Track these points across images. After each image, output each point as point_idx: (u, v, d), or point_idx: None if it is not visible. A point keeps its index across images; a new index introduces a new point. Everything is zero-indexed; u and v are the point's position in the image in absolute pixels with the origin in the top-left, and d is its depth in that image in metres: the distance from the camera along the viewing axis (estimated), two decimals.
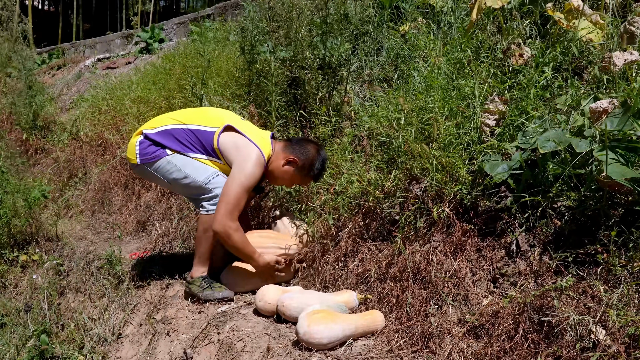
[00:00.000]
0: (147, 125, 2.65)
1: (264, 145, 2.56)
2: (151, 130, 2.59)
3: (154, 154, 2.54)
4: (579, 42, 2.41)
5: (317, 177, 2.68)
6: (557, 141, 1.85)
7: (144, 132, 2.60)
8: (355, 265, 2.43)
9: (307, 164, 2.61)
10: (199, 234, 2.57)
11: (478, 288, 1.98)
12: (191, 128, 2.56)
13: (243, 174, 2.44)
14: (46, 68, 9.95)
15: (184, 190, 2.62)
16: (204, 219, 2.52)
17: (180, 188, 2.61)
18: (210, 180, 2.51)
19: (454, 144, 2.31)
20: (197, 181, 2.51)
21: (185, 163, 2.53)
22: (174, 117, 2.64)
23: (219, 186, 2.50)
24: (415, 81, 2.80)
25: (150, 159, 2.55)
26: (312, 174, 2.64)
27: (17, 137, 5.97)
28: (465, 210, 2.17)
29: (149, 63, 6.33)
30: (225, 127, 2.53)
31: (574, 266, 1.76)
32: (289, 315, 2.20)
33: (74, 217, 4.57)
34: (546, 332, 1.66)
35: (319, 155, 2.63)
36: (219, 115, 2.64)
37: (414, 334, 1.98)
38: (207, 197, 2.52)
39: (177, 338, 2.46)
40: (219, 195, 2.47)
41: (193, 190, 2.55)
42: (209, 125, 2.55)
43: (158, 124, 2.61)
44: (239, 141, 2.51)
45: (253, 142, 2.51)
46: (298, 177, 2.64)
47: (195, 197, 2.57)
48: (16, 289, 3.54)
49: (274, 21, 3.39)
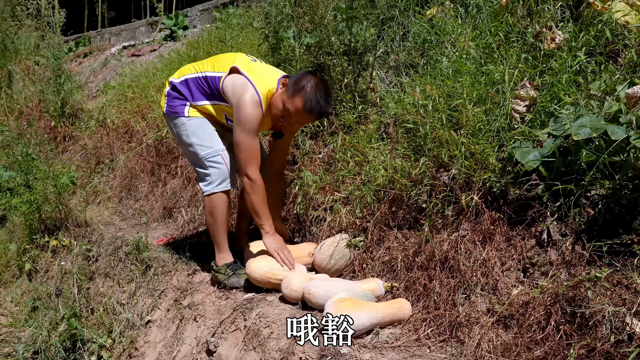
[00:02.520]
0: (176, 73, 2.74)
1: (262, 83, 2.45)
2: (176, 79, 2.67)
3: (176, 108, 2.64)
4: (614, 25, 2.33)
5: (320, 115, 2.48)
6: (592, 128, 1.79)
7: (171, 80, 2.69)
8: (382, 253, 2.42)
9: (297, 83, 2.40)
10: (207, 219, 2.67)
11: (507, 278, 1.95)
12: (204, 75, 2.61)
13: (241, 118, 2.42)
14: (73, 56, 10.06)
15: (187, 154, 2.71)
16: (205, 202, 2.61)
17: (185, 151, 2.71)
18: (210, 157, 2.57)
19: (482, 131, 2.27)
20: (198, 153, 2.59)
21: (195, 131, 2.60)
22: (194, 65, 2.70)
23: (215, 166, 2.56)
24: (442, 67, 2.75)
25: (173, 113, 2.65)
26: (301, 94, 2.39)
27: (46, 125, 6.05)
28: (495, 199, 2.13)
29: (174, 50, 6.34)
30: (230, 70, 2.53)
31: (608, 256, 1.71)
32: (315, 303, 2.20)
33: (102, 204, 4.65)
34: (579, 324, 1.62)
35: (318, 88, 2.39)
36: (231, 58, 2.62)
37: (442, 323, 1.96)
38: (202, 174, 2.60)
39: (204, 324, 2.49)
40: (212, 174, 2.55)
41: (193, 157, 2.64)
42: (219, 70, 2.57)
43: (181, 73, 2.70)
44: (237, 83, 2.47)
45: (250, 81, 2.44)
46: (288, 100, 2.41)
47: (195, 166, 2.66)
48: (47, 273, 3.62)
49: (298, 6, 3.36)
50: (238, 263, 2.65)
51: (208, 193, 2.58)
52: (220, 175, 2.56)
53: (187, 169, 4.22)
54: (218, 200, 2.57)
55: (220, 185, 2.56)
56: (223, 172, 2.57)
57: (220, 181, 2.56)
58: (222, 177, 2.57)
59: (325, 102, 2.43)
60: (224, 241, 2.66)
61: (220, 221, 2.60)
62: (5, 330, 3.27)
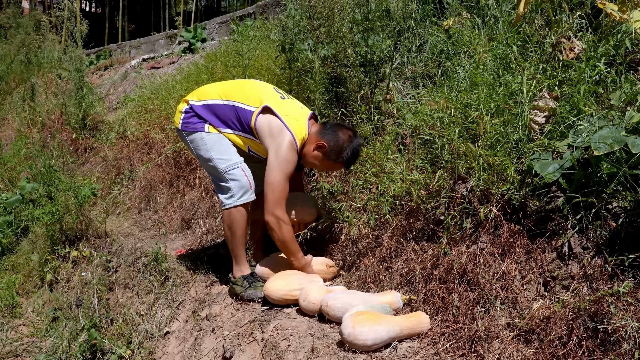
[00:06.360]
0: (194, 94, 2.74)
1: (298, 129, 2.55)
2: (197, 102, 2.68)
3: (194, 125, 2.65)
4: (634, 34, 2.30)
5: (348, 164, 2.65)
6: (612, 140, 1.77)
7: (190, 102, 2.69)
8: (400, 266, 2.40)
9: (336, 150, 2.57)
10: (225, 232, 2.69)
11: (528, 291, 1.92)
12: (233, 104, 2.62)
13: (279, 162, 2.49)
14: (94, 69, 10.25)
15: (206, 168, 2.73)
16: (224, 215, 2.63)
17: (204, 165, 2.71)
18: (229, 170, 2.58)
19: (500, 143, 2.25)
20: (218, 167, 2.60)
21: (214, 145, 2.61)
22: (217, 90, 2.70)
23: (236, 178, 2.57)
24: (459, 78, 2.74)
25: (190, 129, 2.66)
26: (341, 161, 2.60)
27: (68, 137, 6.16)
28: (514, 211, 2.11)
29: (192, 62, 6.43)
30: (263, 109, 2.56)
31: (632, 270, 1.68)
32: (333, 316, 2.20)
33: (122, 214, 4.71)
34: (602, 339, 1.59)
35: (351, 142, 2.59)
36: (259, 92, 2.66)
37: (461, 337, 1.94)
38: (224, 187, 2.61)
39: (222, 335, 2.50)
40: (233, 188, 2.56)
41: (212, 171, 2.66)
42: (248, 103, 2.60)
43: (204, 96, 2.69)
44: (274, 126, 2.53)
45: (287, 127, 2.51)
46: (328, 162, 2.62)
47: (216, 180, 2.67)
48: (68, 283, 3.67)
49: (314, 19, 3.38)
50: (255, 275, 2.66)
51: (229, 207, 2.58)
52: (241, 188, 2.57)
53: (205, 180, 4.26)
54: (238, 214, 2.58)
55: (242, 198, 2.57)
56: (244, 184, 2.58)
57: (241, 194, 2.57)
58: (244, 189, 2.58)
59: (358, 155, 2.67)
60: (242, 254, 2.67)
61: (239, 234, 2.62)
62: (27, 340, 3.32)
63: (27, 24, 9.79)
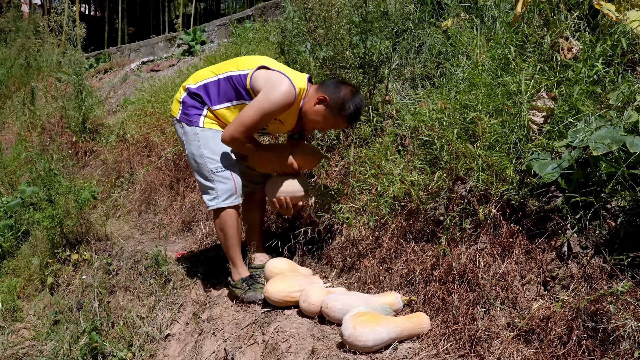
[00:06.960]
0: (190, 79, 2.72)
1: (297, 79, 2.51)
2: (192, 85, 2.65)
3: (191, 117, 2.62)
4: (631, 34, 2.30)
5: (352, 119, 2.56)
6: (610, 140, 1.77)
7: (187, 86, 2.67)
8: (400, 267, 2.41)
9: (339, 102, 2.48)
10: (218, 234, 2.68)
11: (527, 291, 1.92)
12: (227, 75, 2.59)
13: (266, 98, 2.42)
14: (94, 72, 10.26)
15: (193, 165, 2.66)
16: (214, 217, 2.63)
17: (192, 161, 2.65)
18: (218, 172, 2.57)
19: (499, 143, 2.25)
20: (207, 165, 2.57)
21: (207, 143, 2.58)
22: (212, 68, 2.68)
23: (222, 181, 2.56)
24: (458, 78, 2.75)
25: (187, 121, 2.63)
26: (344, 114, 2.50)
27: (68, 140, 6.16)
28: (513, 211, 2.11)
29: (191, 65, 6.44)
30: (258, 67, 2.53)
31: (631, 270, 1.68)
32: (333, 317, 2.20)
33: (122, 217, 4.71)
34: (601, 339, 1.59)
35: (354, 96, 2.51)
36: (253, 59, 2.64)
37: (461, 337, 1.94)
38: (206, 187, 2.59)
39: (223, 337, 2.50)
40: (218, 189, 2.55)
41: (199, 168, 2.61)
42: (244, 68, 2.57)
43: (198, 78, 2.67)
44: (272, 75, 2.49)
45: (285, 75, 2.47)
46: (330, 117, 2.52)
47: (199, 177, 2.63)
48: (68, 287, 3.67)
49: (312, 21, 3.39)
50: (254, 277, 2.66)
51: (213, 208, 2.59)
52: (226, 191, 2.57)
53: None
54: (227, 216, 2.58)
55: (227, 201, 2.57)
56: (230, 188, 2.57)
57: (226, 197, 2.57)
58: (229, 193, 2.57)
59: (361, 110, 2.59)
60: (237, 255, 2.67)
61: (231, 235, 2.61)
62: (28, 343, 3.32)
63: (26, 28, 9.80)
